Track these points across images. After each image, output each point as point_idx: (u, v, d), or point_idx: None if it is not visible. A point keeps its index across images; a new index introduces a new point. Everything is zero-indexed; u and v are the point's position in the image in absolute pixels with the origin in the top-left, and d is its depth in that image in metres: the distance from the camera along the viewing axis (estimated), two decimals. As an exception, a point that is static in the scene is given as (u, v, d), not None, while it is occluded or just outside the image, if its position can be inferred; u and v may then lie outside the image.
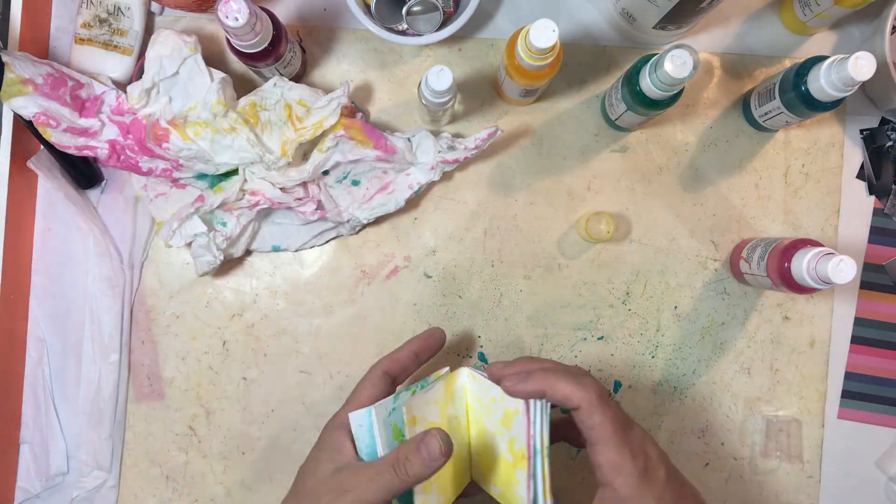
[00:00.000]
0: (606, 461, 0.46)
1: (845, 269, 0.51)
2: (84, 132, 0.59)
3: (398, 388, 0.57)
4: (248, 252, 0.65)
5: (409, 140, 0.63)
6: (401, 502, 0.53)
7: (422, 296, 0.66)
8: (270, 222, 0.64)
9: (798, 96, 0.58)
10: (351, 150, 0.60)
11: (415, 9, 0.62)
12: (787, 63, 0.68)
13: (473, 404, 0.56)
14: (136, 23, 0.63)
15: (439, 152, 0.61)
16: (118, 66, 0.63)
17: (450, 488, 0.54)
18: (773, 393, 0.67)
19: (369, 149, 0.60)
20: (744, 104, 0.67)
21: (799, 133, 0.68)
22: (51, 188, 0.64)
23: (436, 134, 0.64)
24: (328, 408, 0.65)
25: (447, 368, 0.58)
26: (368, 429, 0.51)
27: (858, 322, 0.67)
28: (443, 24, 0.63)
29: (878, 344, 0.67)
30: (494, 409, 0.54)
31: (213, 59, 0.65)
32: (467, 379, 0.56)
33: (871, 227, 0.68)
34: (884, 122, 0.68)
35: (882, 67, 0.62)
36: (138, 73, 0.63)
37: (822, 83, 0.56)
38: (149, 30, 0.65)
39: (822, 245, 0.55)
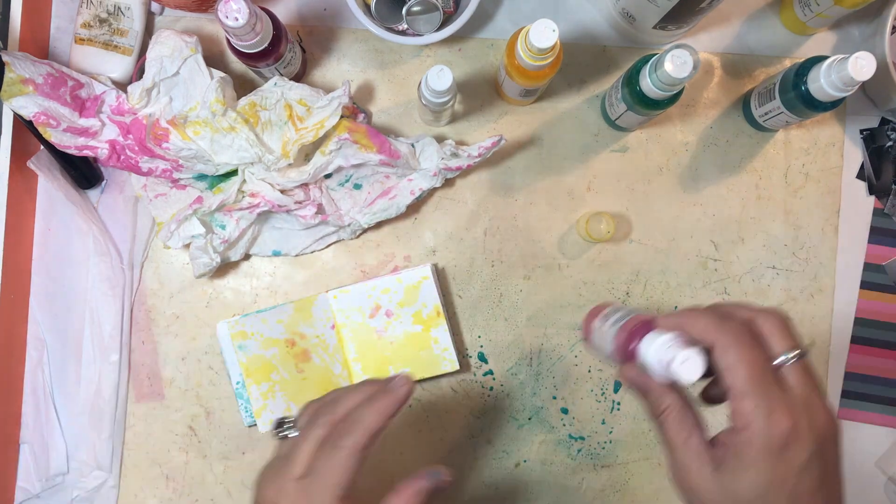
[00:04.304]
0: (736, 410, 0.38)
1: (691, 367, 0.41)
2: (84, 132, 0.59)
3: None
4: (247, 256, 0.65)
5: (412, 146, 0.63)
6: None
7: (422, 296, 0.66)
8: (271, 227, 0.64)
9: (798, 96, 0.58)
10: (354, 155, 0.60)
11: (415, 9, 0.62)
12: (787, 63, 0.68)
13: (345, 321, 0.63)
14: (136, 23, 0.63)
15: (442, 159, 0.61)
16: (118, 66, 0.63)
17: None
18: (773, 393, 0.67)
19: (373, 153, 0.60)
20: (744, 104, 0.67)
21: (799, 133, 0.68)
22: (51, 188, 0.64)
23: (437, 136, 0.64)
24: (328, 408, 0.65)
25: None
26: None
27: (858, 322, 0.67)
28: (443, 24, 0.63)
29: (878, 344, 0.67)
30: (385, 300, 0.62)
31: (213, 59, 0.65)
32: (333, 301, 0.63)
33: (871, 227, 0.68)
34: (884, 122, 0.68)
35: (882, 67, 0.62)
36: (138, 73, 0.63)
37: (822, 83, 0.56)
38: (149, 30, 0.65)
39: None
